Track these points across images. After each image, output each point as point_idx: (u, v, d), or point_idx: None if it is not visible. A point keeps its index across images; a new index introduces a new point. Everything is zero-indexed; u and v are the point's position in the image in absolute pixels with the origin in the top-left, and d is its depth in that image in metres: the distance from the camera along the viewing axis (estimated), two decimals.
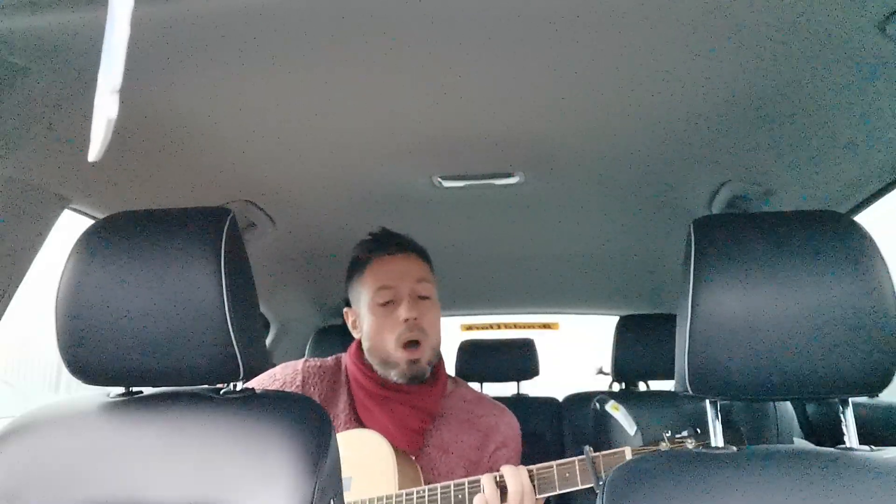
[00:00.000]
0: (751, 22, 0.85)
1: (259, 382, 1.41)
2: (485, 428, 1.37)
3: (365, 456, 1.26)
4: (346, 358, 1.43)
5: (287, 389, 1.38)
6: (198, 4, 0.79)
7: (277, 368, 1.45)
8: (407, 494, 1.19)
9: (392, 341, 1.30)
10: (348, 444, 1.28)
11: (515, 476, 1.13)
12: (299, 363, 1.44)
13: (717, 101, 1.08)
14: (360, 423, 1.35)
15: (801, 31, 0.86)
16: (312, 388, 1.39)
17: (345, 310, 1.43)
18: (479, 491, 1.15)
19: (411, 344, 1.30)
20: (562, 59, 0.95)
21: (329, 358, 1.47)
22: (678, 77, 1.01)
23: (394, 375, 1.32)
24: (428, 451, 1.34)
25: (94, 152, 0.44)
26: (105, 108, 0.43)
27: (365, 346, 1.37)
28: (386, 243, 1.38)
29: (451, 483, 1.17)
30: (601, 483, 1.05)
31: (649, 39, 0.90)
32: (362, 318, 1.37)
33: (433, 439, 1.35)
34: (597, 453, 1.09)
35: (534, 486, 1.14)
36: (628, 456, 1.07)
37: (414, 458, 1.31)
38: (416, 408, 1.33)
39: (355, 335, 1.41)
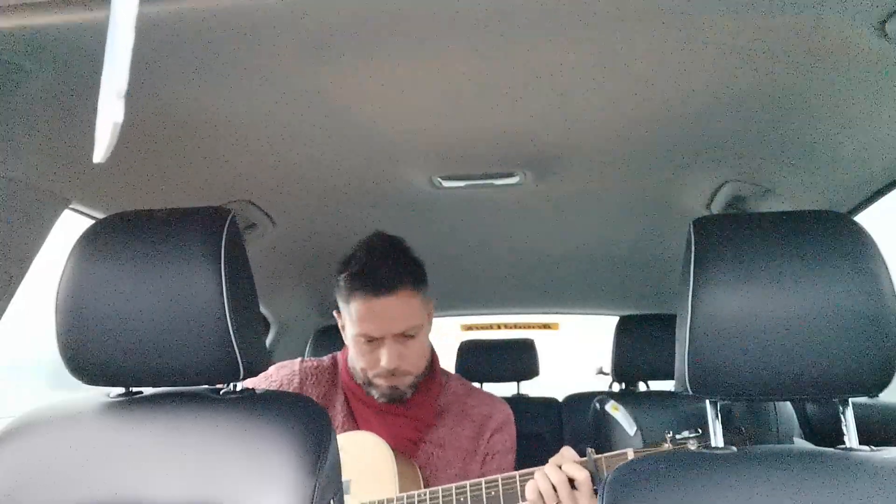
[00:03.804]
0: (750, 22, 0.85)
1: (254, 384, 1.40)
2: (479, 418, 1.37)
3: (364, 458, 1.26)
4: (341, 363, 1.42)
5: (285, 390, 1.38)
6: (197, 4, 0.79)
7: (272, 369, 1.43)
8: (408, 497, 1.19)
9: (371, 372, 1.29)
10: (347, 446, 1.28)
11: (578, 468, 1.06)
12: (296, 363, 1.43)
13: (717, 101, 1.08)
14: (356, 424, 1.35)
15: (800, 31, 0.86)
16: (311, 389, 1.39)
17: (335, 312, 1.37)
18: (479, 495, 1.14)
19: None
20: (562, 59, 0.95)
21: (325, 357, 1.46)
22: (678, 77, 1.01)
23: (375, 395, 1.32)
24: (425, 448, 1.34)
25: (98, 154, 0.44)
26: (110, 111, 0.43)
27: (349, 363, 1.36)
28: (370, 281, 1.23)
29: (453, 486, 1.17)
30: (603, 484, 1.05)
31: (649, 40, 0.90)
32: (347, 337, 1.33)
33: (430, 436, 1.35)
34: (599, 455, 1.08)
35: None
36: (631, 458, 1.07)
37: (411, 456, 1.31)
38: (410, 418, 1.33)
39: (345, 339, 1.37)
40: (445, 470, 1.30)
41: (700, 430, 1.07)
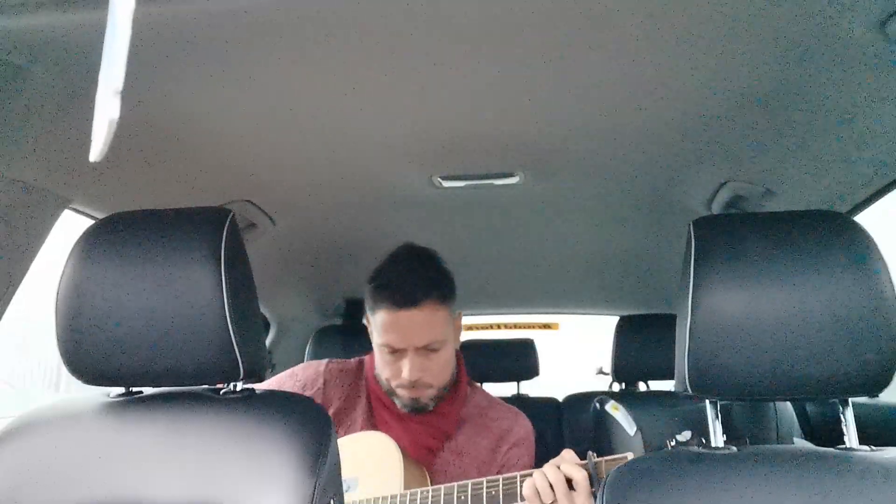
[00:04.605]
0: (750, 22, 0.85)
1: (279, 381, 1.42)
2: (499, 430, 1.38)
3: (372, 456, 1.26)
4: (367, 366, 1.43)
5: (308, 391, 1.39)
6: (197, 4, 0.79)
7: (299, 368, 1.45)
8: (411, 495, 1.20)
9: (393, 382, 1.30)
10: (356, 444, 1.29)
11: (578, 468, 1.06)
12: (322, 364, 1.44)
13: (717, 101, 1.08)
14: (376, 429, 1.36)
15: (801, 31, 0.86)
16: (333, 391, 1.39)
17: (365, 318, 1.37)
18: (480, 494, 1.14)
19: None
20: (562, 59, 0.95)
21: (352, 360, 1.47)
22: (678, 77, 1.01)
23: (398, 404, 1.32)
24: (443, 455, 1.34)
25: (95, 153, 0.44)
26: (107, 109, 0.43)
27: (376, 369, 1.37)
28: (395, 293, 1.23)
29: (455, 485, 1.17)
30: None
31: (649, 40, 0.90)
32: (374, 342, 1.33)
33: (449, 444, 1.35)
34: (599, 458, 1.08)
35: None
36: None
37: (429, 462, 1.32)
38: (430, 426, 1.34)
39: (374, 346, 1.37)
40: (461, 478, 1.30)
41: (703, 439, 1.06)
